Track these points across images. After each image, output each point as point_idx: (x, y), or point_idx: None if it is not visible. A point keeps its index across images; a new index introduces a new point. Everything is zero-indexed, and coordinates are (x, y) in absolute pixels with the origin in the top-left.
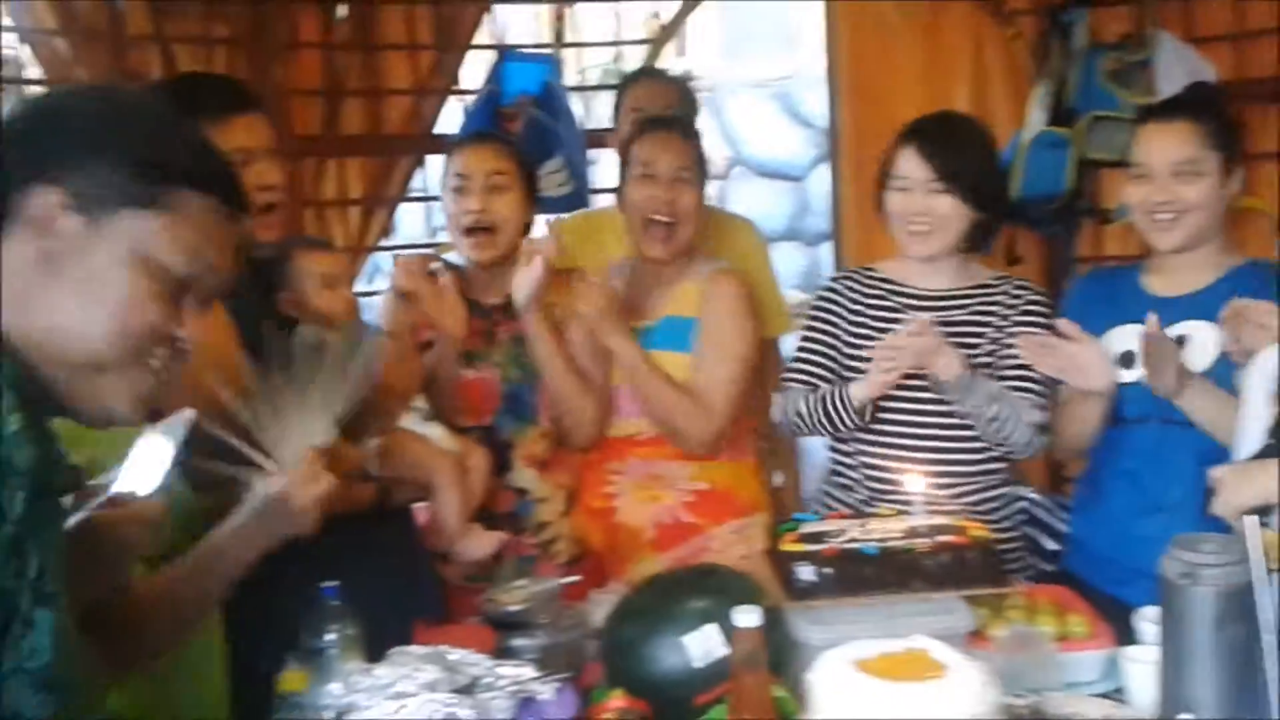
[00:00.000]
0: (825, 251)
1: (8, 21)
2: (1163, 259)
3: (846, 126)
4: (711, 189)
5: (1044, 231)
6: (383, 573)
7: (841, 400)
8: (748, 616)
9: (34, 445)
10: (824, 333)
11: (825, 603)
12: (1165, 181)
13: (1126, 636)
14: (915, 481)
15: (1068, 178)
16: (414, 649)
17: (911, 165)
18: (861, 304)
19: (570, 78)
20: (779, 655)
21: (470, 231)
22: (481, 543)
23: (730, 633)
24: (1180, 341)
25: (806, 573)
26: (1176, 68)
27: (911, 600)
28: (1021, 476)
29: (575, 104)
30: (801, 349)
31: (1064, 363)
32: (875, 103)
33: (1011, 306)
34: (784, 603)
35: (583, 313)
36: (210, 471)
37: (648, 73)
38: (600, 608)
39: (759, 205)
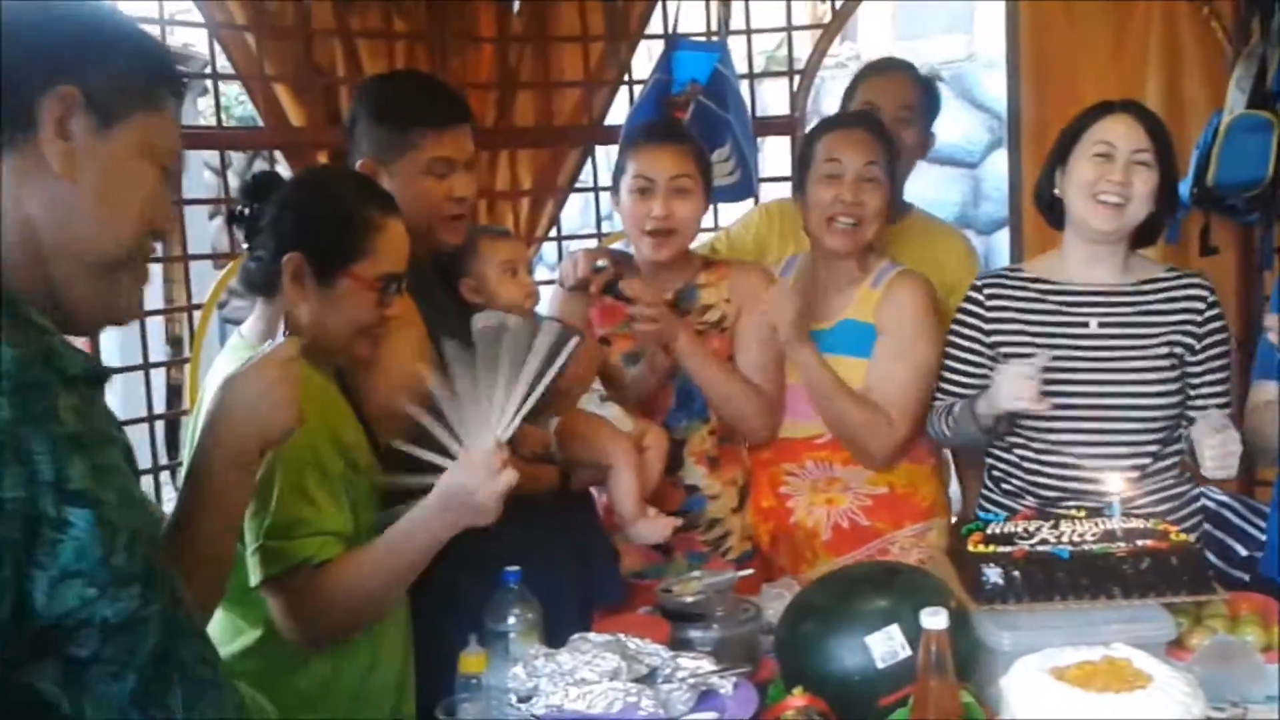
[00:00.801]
0: (1000, 239)
1: (197, 18)
2: None
3: (1027, 110)
4: None
5: (1242, 220)
6: (563, 556)
7: (972, 415)
8: (935, 618)
9: (13, 345)
10: (966, 348)
11: (1014, 607)
12: None
13: None
14: (1114, 481)
15: (1269, 164)
16: (594, 636)
17: (1120, 132)
18: (1010, 308)
19: (738, 65)
20: (966, 660)
21: (653, 234)
22: (655, 527)
23: (912, 634)
24: None
25: (994, 575)
26: None
27: (1107, 607)
28: (1197, 477)
29: (743, 92)
30: (946, 364)
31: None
32: (1058, 85)
33: (1199, 312)
34: (969, 606)
35: (769, 322)
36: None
37: (886, 65)
38: (774, 601)
39: (932, 192)
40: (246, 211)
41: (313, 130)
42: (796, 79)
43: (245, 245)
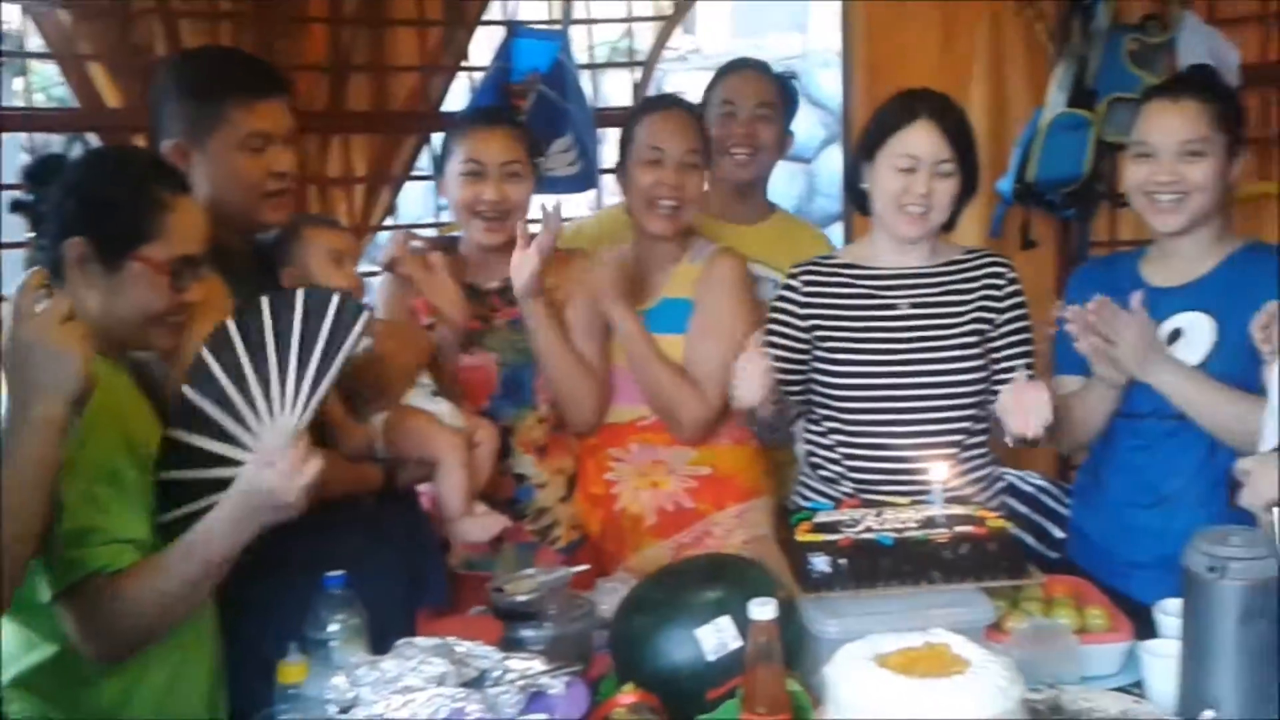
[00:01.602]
0: (834, 233)
1: None
2: (1162, 246)
3: (861, 108)
4: None
5: (1060, 215)
6: (388, 558)
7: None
8: (763, 609)
9: None
10: (783, 334)
11: (840, 594)
12: (1170, 161)
13: (1136, 629)
14: (936, 469)
15: (1086, 161)
16: (421, 640)
17: (922, 144)
18: (825, 294)
19: (580, 56)
20: (793, 648)
21: (486, 218)
22: (484, 525)
23: (743, 625)
24: (1176, 334)
25: (821, 564)
26: (1200, 49)
27: (929, 592)
28: (1007, 457)
29: (584, 82)
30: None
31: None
32: (890, 82)
33: (999, 288)
34: (797, 594)
35: (588, 283)
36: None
37: (742, 64)
38: (608, 597)
39: (769, 187)
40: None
41: (129, 112)
42: (639, 70)
43: (31, 233)
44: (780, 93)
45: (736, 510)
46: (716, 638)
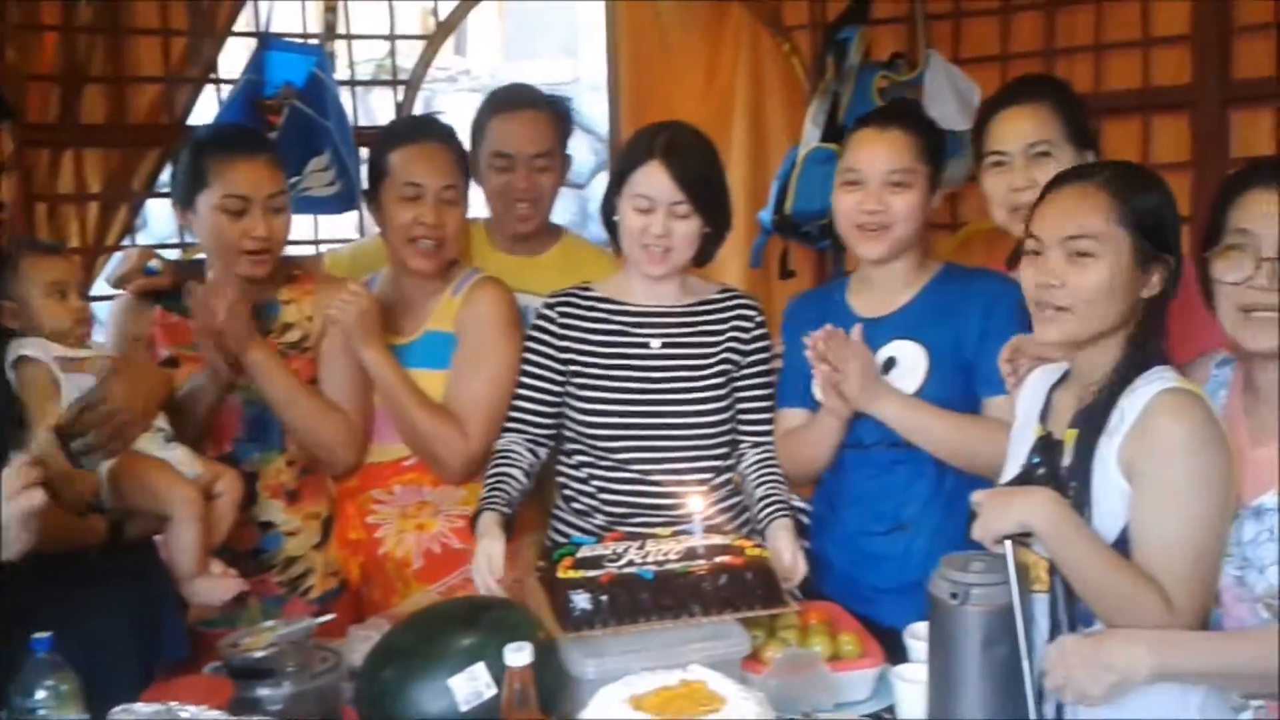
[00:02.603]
0: None
1: None
2: (864, 275)
3: (627, 135)
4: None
5: (816, 247)
6: (117, 614)
7: None
8: (518, 654)
9: None
10: (540, 364)
11: (602, 631)
12: (877, 190)
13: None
14: (694, 500)
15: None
16: (139, 707)
17: (655, 185)
18: (580, 327)
19: (342, 72)
20: (552, 691)
21: (250, 253)
22: (220, 587)
23: (499, 671)
24: (890, 363)
25: (582, 601)
26: (944, 87)
27: (688, 627)
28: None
29: (345, 99)
30: (521, 381)
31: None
32: (656, 113)
33: (746, 329)
34: (560, 633)
35: (335, 321)
36: None
37: (515, 101)
38: (361, 645)
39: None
40: None
41: None
42: (403, 89)
43: None
44: (556, 130)
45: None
46: (470, 686)
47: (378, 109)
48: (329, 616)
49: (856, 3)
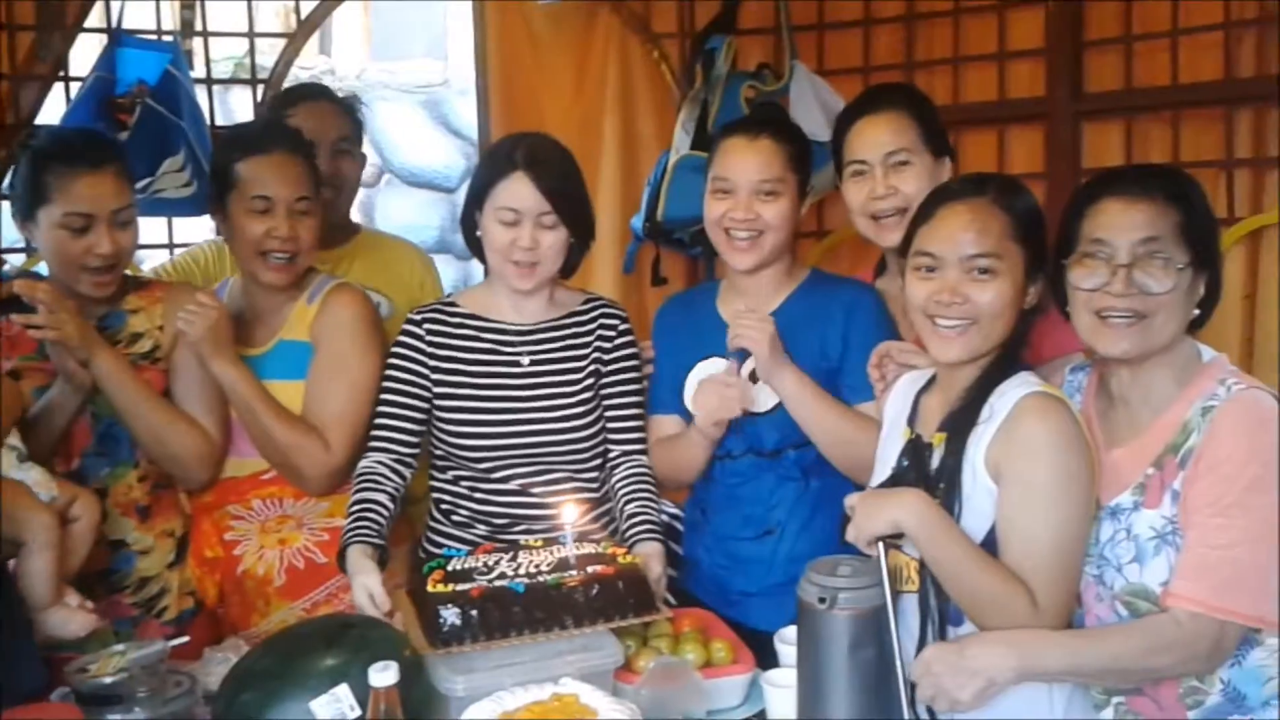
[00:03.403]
0: (478, 265)
1: None
2: (734, 280)
3: (497, 138)
4: (358, 197)
5: (688, 253)
6: None
7: None
8: (383, 674)
9: None
10: (405, 380)
11: (471, 647)
12: (747, 199)
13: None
14: (568, 511)
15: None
16: None
17: (521, 196)
18: (449, 345)
19: (198, 70)
20: (422, 710)
21: (95, 270)
22: (72, 622)
23: (364, 692)
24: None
25: (451, 616)
26: (810, 98)
27: (559, 639)
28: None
29: (202, 98)
30: (385, 393)
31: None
32: (526, 117)
33: (609, 339)
34: (429, 649)
35: (183, 332)
36: None
37: (311, 94)
38: (218, 667)
39: (409, 216)
40: None
41: None
42: (261, 89)
43: None
44: (353, 122)
45: None
46: (333, 708)
47: (237, 109)
48: (182, 640)
49: (723, 12)
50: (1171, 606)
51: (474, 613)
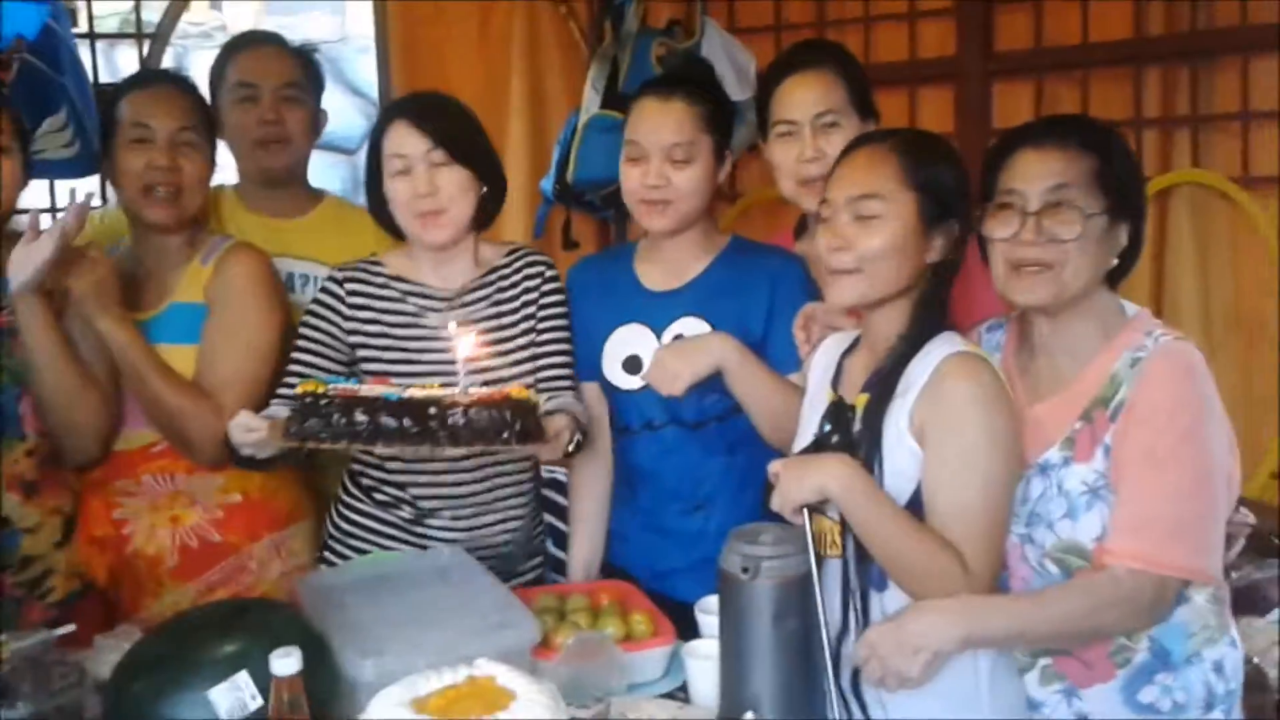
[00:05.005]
0: None
1: None
2: (654, 243)
3: (399, 95)
4: None
5: (599, 216)
6: None
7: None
8: (284, 661)
9: None
10: (320, 340)
11: (331, 447)
12: (659, 164)
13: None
14: (466, 344)
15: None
16: None
17: (410, 144)
18: (372, 307)
19: (82, 26)
20: (326, 696)
21: None
22: None
23: (265, 679)
24: (678, 340)
25: (312, 411)
26: (721, 56)
27: (467, 618)
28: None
29: (85, 55)
30: (298, 352)
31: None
32: (428, 73)
33: (536, 287)
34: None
35: (70, 290)
36: None
37: (257, 39)
38: (110, 655)
39: (311, 179)
40: None
41: None
42: (148, 45)
43: None
44: (305, 70)
45: (273, 539)
46: (233, 697)
47: (124, 67)
48: (68, 628)
49: None
50: (1110, 564)
51: (336, 414)
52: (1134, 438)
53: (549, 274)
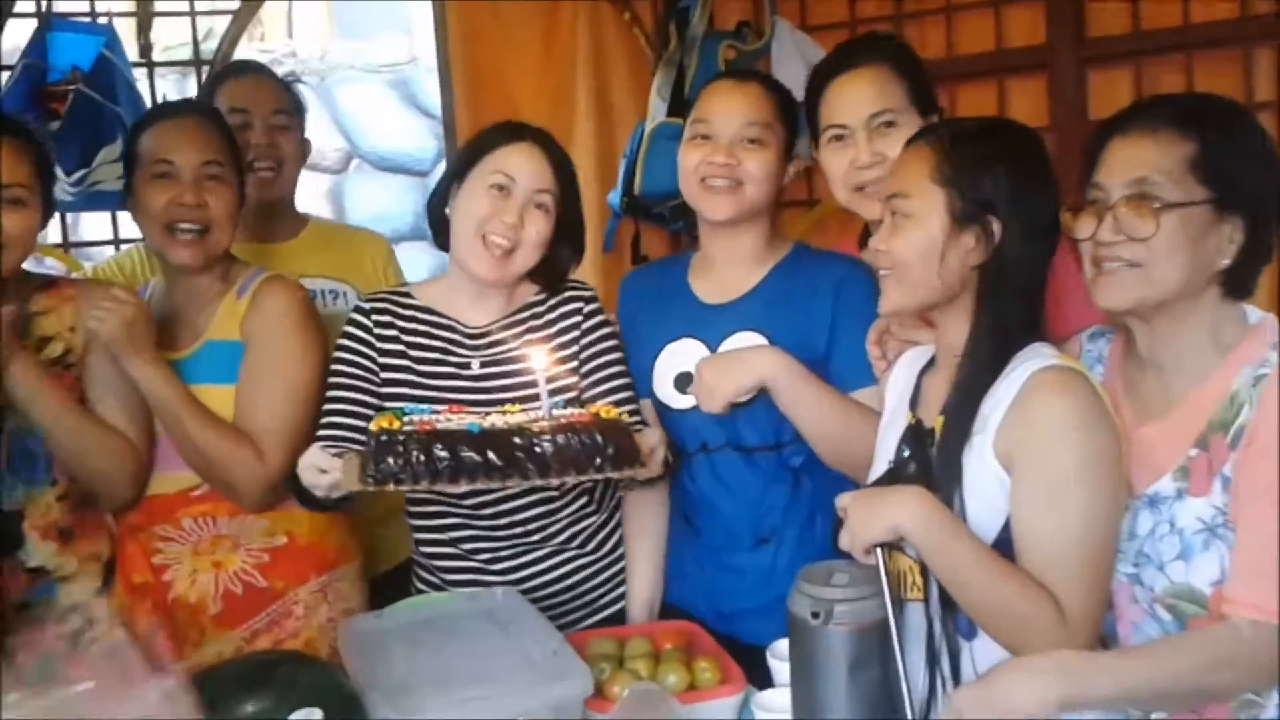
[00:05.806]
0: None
1: None
2: (708, 254)
3: (463, 116)
4: (325, 184)
5: (669, 229)
6: None
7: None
8: None
9: None
10: (353, 374)
11: (412, 488)
12: (729, 145)
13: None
14: (539, 358)
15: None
16: None
17: (522, 166)
18: (400, 340)
19: (157, 56)
20: None
21: None
22: None
23: None
24: None
25: (389, 451)
26: (793, 56)
27: (518, 678)
28: None
29: (143, 84)
30: (332, 389)
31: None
32: (492, 91)
33: (578, 324)
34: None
35: (97, 332)
36: None
37: (245, 68)
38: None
39: (380, 203)
40: None
41: None
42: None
43: None
44: (291, 98)
45: (320, 582)
46: None
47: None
48: (87, 684)
49: None
50: (1230, 614)
51: (415, 451)
52: (1256, 468)
53: (589, 308)
